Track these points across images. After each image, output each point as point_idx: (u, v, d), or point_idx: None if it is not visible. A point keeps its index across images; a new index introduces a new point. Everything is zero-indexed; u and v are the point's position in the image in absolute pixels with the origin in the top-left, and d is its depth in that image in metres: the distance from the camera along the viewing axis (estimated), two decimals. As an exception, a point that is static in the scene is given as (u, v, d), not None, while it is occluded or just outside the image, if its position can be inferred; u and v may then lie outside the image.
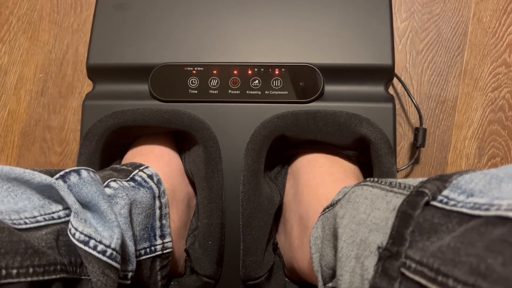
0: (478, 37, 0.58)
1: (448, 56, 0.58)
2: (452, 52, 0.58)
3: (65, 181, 0.31)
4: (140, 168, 0.40)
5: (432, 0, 0.59)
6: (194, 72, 0.44)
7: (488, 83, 0.57)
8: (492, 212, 0.20)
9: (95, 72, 0.46)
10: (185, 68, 0.44)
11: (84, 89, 0.59)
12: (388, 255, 0.23)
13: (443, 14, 0.58)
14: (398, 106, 0.57)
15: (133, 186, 0.38)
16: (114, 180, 0.37)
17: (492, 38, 0.57)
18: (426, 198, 0.23)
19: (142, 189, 0.39)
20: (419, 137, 0.53)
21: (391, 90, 0.57)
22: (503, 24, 0.57)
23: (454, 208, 0.22)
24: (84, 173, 0.32)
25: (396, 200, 0.25)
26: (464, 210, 0.21)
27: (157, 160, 0.44)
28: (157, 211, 0.40)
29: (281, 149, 0.45)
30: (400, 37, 0.58)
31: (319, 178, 0.41)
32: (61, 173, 0.31)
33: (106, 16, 0.46)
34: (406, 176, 0.56)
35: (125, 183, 0.37)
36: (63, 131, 0.59)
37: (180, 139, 0.47)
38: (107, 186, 0.35)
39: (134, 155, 0.45)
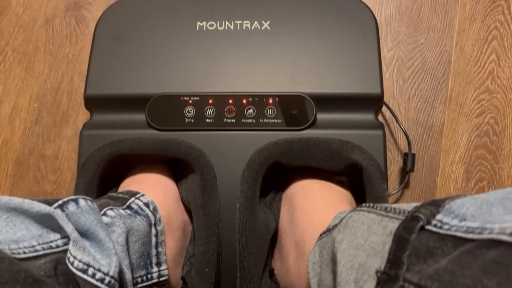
0: (461, 66, 0.60)
1: (434, 83, 0.60)
2: (437, 80, 0.60)
3: (63, 210, 0.31)
4: (136, 196, 0.41)
5: (417, 31, 0.61)
6: (190, 101, 0.45)
7: (473, 109, 0.59)
8: (485, 236, 0.21)
9: (93, 102, 0.46)
10: (182, 98, 0.45)
11: (79, 118, 0.60)
12: (387, 279, 0.24)
13: (427, 44, 0.61)
14: (387, 132, 0.59)
15: (129, 214, 0.39)
16: (111, 209, 0.37)
17: (474, 66, 0.60)
18: (421, 223, 0.24)
19: (138, 217, 0.39)
20: (408, 162, 0.55)
21: (380, 116, 0.59)
22: (484, 53, 0.60)
23: (449, 232, 0.23)
24: (82, 202, 0.32)
25: (392, 225, 0.26)
26: (458, 234, 0.22)
27: (153, 188, 0.44)
28: (153, 239, 0.40)
29: (275, 175, 0.46)
30: (387, 65, 0.60)
31: (314, 203, 0.42)
32: (59, 202, 0.32)
33: (104, 47, 0.48)
34: (397, 200, 0.57)
35: (122, 211, 0.38)
36: (57, 160, 0.59)
37: (176, 167, 0.47)
38: (104, 214, 0.36)
39: (130, 183, 0.45)
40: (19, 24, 0.64)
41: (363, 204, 0.32)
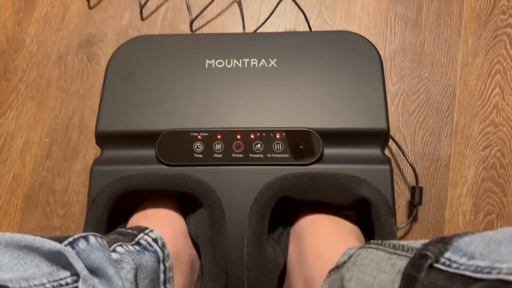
0: (466, 99, 0.61)
1: (439, 116, 0.60)
2: (442, 113, 0.61)
3: (73, 247, 0.32)
4: (145, 232, 0.41)
5: (421, 65, 0.63)
6: (199, 137, 0.46)
7: (479, 142, 0.59)
8: (493, 276, 0.21)
9: (104, 138, 0.47)
10: (191, 134, 0.46)
11: (88, 152, 0.61)
12: (397, 318, 0.23)
13: (432, 78, 0.62)
14: (394, 165, 0.59)
15: (138, 250, 0.39)
16: (120, 245, 0.37)
17: (479, 100, 0.61)
18: (430, 261, 0.24)
19: (147, 253, 0.39)
20: (416, 195, 0.55)
21: (386, 149, 0.59)
22: (488, 87, 0.61)
23: (457, 271, 0.23)
24: (92, 239, 0.33)
25: (401, 263, 0.26)
26: (467, 273, 0.22)
27: (161, 223, 0.44)
28: (162, 275, 0.40)
29: (283, 210, 0.46)
30: (392, 99, 0.61)
31: (322, 239, 0.42)
32: (70, 239, 0.32)
33: (115, 85, 0.49)
34: (406, 233, 0.57)
35: (131, 247, 0.38)
36: (67, 194, 0.60)
37: (184, 202, 0.48)
38: (114, 251, 0.36)
39: (139, 218, 0.45)
40: (33, 61, 0.66)
41: (372, 241, 0.32)
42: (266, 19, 0.63)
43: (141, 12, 0.67)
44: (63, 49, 0.66)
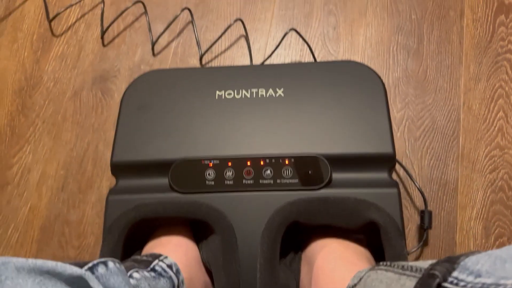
0: (471, 123, 0.62)
1: (445, 141, 0.62)
2: (448, 138, 0.62)
3: (93, 272, 0.33)
4: (160, 258, 0.42)
5: (424, 92, 0.64)
6: (211, 165, 0.47)
7: (485, 165, 0.60)
8: None
9: (119, 168, 0.49)
10: (202, 162, 0.47)
11: (103, 184, 0.63)
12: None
13: (435, 104, 0.63)
14: (402, 190, 0.60)
15: (153, 276, 0.40)
16: (137, 271, 0.38)
17: (483, 124, 0.62)
18: (438, 280, 0.25)
19: (162, 279, 0.40)
20: (425, 219, 0.55)
21: (394, 175, 0.60)
22: (492, 111, 0.62)
23: None
24: (110, 264, 0.34)
25: (410, 283, 0.27)
26: None
27: (175, 250, 0.45)
28: (176, 301, 0.41)
29: (294, 235, 0.47)
30: (398, 125, 0.63)
31: (333, 263, 0.43)
32: (90, 264, 0.33)
33: (129, 117, 0.51)
34: (417, 258, 0.57)
35: (147, 273, 0.39)
36: (81, 225, 0.61)
37: (197, 228, 0.49)
38: (130, 276, 0.37)
39: (154, 245, 0.46)
40: (49, 97, 0.69)
41: (381, 263, 0.33)
42: (273, 52, 0.66)
43: (152, 48, 0.70)
44: (78, 85, 0.69)
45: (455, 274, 0.25)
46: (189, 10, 0.71)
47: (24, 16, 0.74)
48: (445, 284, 0.25)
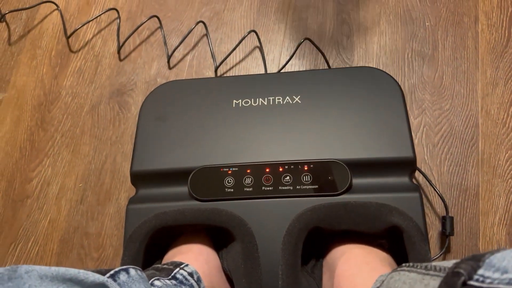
0: (489, 128, 0.61)
1: (464, 147, 0.61)
2: (467, 143, 0.61)
3: (115, 280, 0.33)
4: (181, 266, 0.42)
5: (441, 98, 0.64)
6: (230, 172, 0.47)
7: (507, 170, 0.59)
8: None
9: (138, 178, 0.49)
10: (221, 169, 0.47)
11: (121, 196, 0.63)
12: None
13: (453, 109, 0.63)
14: (422, 196, 0.59)
15: (175, 284, 0.39)
16: (158, 279, 0.38)
17: (503, 128, 0.61)
18: (463, 278, 0.24)
19: (183, 286, 0.40)
20: (447, 225, 0.54)
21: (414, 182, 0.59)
22: (511, 115, 0.61)
23: (491, 286, 0.23)
24: (132, 271, 0.34)
25: (434, 283, 0.26)
26: (501, 286, 0.22)
27: (196, 258, 0.45)
28: (197, 310, 0.41)
29: (315, 241, 0.47)
30: (415, 132, 0.62)
31: (355, 268, 0.42)
32: (111, 272, 0.33)
33: (148, 127, 0.52)
34: (440, 266, 0.56)
35: (168, 282, 0.39)
36: (100, 237, 0.61)
37: (217, 236, 0.49)
38: (152, 284, 0.37)
39: (174, 254, 0.46)
40: (68, 112, 0.70)
41: (403, 264, 0.32)
42: (287, 62, 0.66)
43: (168, 62, 0.71)
44: (95, 99, 0.70)
45: (480, 271, 0.24)
46: (204, 23, 0.72)
47: (43, 34, 0.76)
48: (471, 282, 0.24)
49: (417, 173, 0.59)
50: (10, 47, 0.75)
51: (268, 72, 0.68)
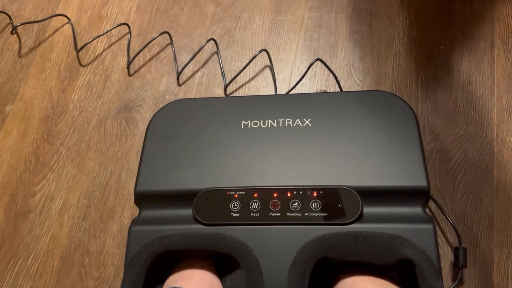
0: (505, 156, 0.59)
1: (478, 175, 0.59)
2: (481, 171, 0.59)
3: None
4: (182, 294, 0.40)
5: (455, 123, 0.62)
6: (236, 196, 0.46)
7: (522, 200, 0.57)
8: None
9: (142, 198, 0.48)
10: (228, 193, 0.46)
11: (124, 214, 0.62)
12: None
13: (467, 136, 0.61)
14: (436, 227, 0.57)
15: (175, 313, 0.38)
16: (158, 307, 0.36)
17: (519, 157, 0.59)
18: None
19: (184, 315, 0.38)
20: (460, 257, 0.52)
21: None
22: (527, 144, 0.60)
23: None
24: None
25: None
26: None
27: (199, 285, 0.43)
28: None
29: (323, 271, 0.45)
30: (428, 157, 0.60)
31: (365, 302, 0.40)
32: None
33: (154, 147, 0.50)
34: (452, 299, 0.54)
35: (168, 310, 0.37)
36: (102, 256, 0.60)
37: (221, 262, 0.47)
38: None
39: (176, 279, 0.45)
40: (74, 126, 0.69)
41: None
42: (298, 82, 0.65)
43: (178, 78, 0.70)
44: (103, 113, 0.69)
45: None
46: (215, 40, 0.71)
47: (53, 47, 0.76)
48: None
49: (429, 201, 0.57)
50: (20, 59, 0.75)
51: (278, 91, 0.67)
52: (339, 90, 0.64)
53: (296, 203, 0.45)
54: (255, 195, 0.46)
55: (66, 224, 0.62)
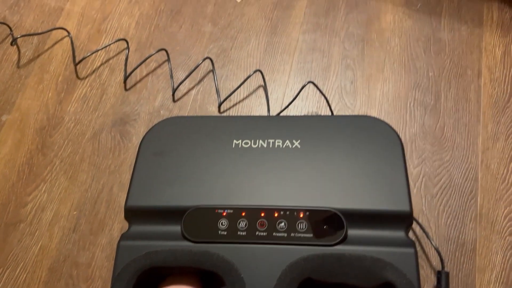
0: (489, 183, 0.61)
1: (462, 200, 0.60)
2: (466, 196, 0.61)
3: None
4: (168, 309, 0.41)
5: (441, 148, 0.64)
6: (224, 214, 0.47)
7: (505, 226, 0.58)
8: None
9: (132, 213, 0.49)
10: (216, 211, 0.47)
11: (114, 227, 0.62)
12: None
13: (453, 161, 0.63)
14: (418, 248, 0.58)
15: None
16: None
17: (502, 184, 0.61)
18: None
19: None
20: (442, 281, 0.53)
21: (411, 232, 0.58)
22: (510, 171, 0.61)
23: None
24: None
25: None
26: None
27: (184, 301, 0.44)
28: None
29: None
30: (414, 181, 0.62)
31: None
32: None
33: (146, 162, 0.52)
34: (433, 322, 0.55)
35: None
36: (90, 268, 0.60)
37: (208, 279, 0.48)
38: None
39: (162, 295, 0.45)
40: (69, 138, 0.70)
41: None
42: (290, 103, 0.66)
43: (173, 94, 0.71)
44: (98, 126, 0.71)
45: None
46: (211, 59, 0.73)
47: (52, 59, 0.77)
48: None
49: (414, 224, 0.59)
50: (18, 70, 0.76)
51: (271, 111, 0.68)
52: (329, 113, 0.65)
53: (283, 223, 0.46)
54: (243, 214, 0.47)
55: (56, 235, 0.63)
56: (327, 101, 0.66)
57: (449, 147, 0.64)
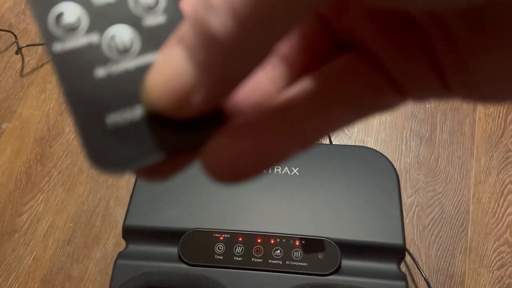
0: (480, 216, 0.62)
1: (453, 232, 0.62)
2: (457, 229, 0.62)
3: None
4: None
5: (435, 180, 0.65)
6: (221, 238, 0.48)
7: (493, 261, 0.60)
8: None
9: (130, 233, 0.50)
10: (213, 234, 0.48)
11: (109, 241, 0.63)
12: None
13: (446, 193, 0.64)
14: (408, 278, 0.59)
15: None
16: None
17: (492, 218, 0.62)
18: None
19: None
20: (431, 312, 0.54)
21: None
22: (501, 206, 0.63)
23: None
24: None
25: None
26: None
27: (177, 323, 0.45)
28: None
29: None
30: (407, 211, 0.63)
31: None
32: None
33: (146, 183, 0.52)
34: None
35: None
36: (82, 282, 0.60)
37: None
38: None
39: (156, 316, 0.46)
40: (68, 149, 0.71)
41: None
42: (290, 127, 0.67)
43: (174, 112, 0.72)
44: (98, 139, 0.71)
45: None
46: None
47: (55, 69, 0.78)
48: None
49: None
50: (21, 79, 0.77)
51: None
52: (328, 141, 0.67)
53: (279, 251, 0.47)
54: (240, 239, 0.48)
55: (50, 247, 0.63)
56: (326, 127, 0.67)
57: (442, 179, 0.65)
